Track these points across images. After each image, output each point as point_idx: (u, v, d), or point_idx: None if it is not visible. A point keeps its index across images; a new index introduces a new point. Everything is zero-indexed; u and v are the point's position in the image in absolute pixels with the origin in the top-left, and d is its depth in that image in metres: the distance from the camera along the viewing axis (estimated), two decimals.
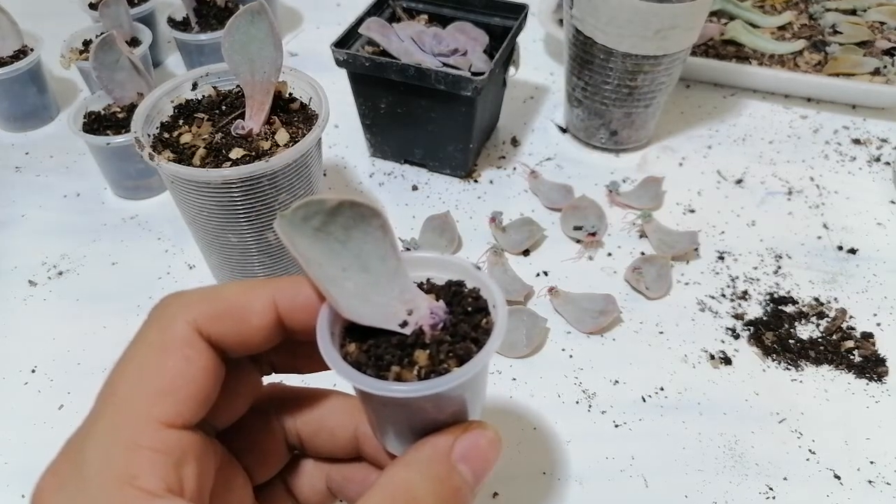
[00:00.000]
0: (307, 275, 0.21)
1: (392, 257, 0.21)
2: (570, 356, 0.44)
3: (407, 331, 0.22)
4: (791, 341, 0.44)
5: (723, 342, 0.45)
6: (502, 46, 0.52)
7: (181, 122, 0.43)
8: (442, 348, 0.21)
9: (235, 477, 0.24)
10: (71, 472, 0.19)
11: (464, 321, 0.22)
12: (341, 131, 0.61)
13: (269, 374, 0.26)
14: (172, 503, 0.19)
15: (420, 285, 0.23)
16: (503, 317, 0.21)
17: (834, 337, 0.45)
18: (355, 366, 0.21)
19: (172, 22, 0.65)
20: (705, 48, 0.68)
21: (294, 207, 0.19)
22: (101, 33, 0.55)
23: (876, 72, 0.65)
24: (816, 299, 0.47)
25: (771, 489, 0.37)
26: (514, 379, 0.43)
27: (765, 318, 0.46)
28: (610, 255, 0.51)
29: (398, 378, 0.21)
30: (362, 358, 0.22)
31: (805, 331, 0.45)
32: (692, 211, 0.54)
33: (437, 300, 0.22)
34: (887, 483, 0.38)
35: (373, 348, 0.22)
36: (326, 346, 0.21)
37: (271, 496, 0.26)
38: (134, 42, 0.62)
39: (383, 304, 0.21)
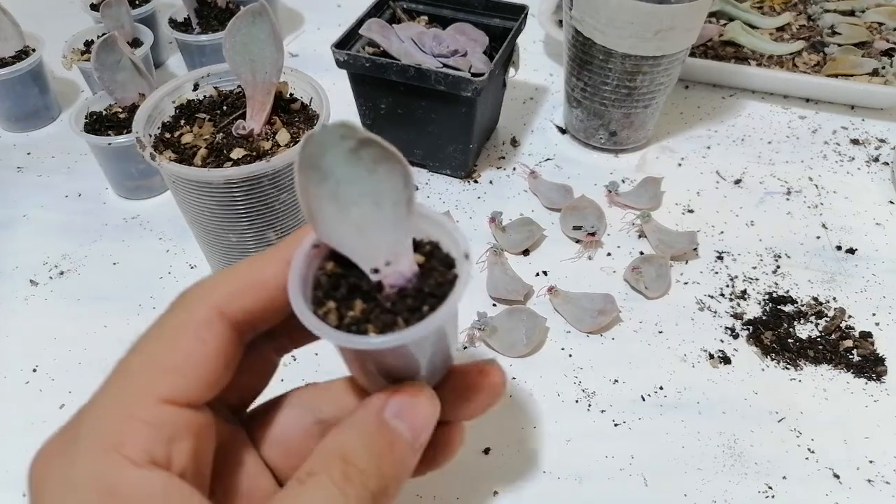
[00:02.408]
0: (303, 192, 0.21)
1: (404, 207, 0.22)
2: (570, 355, 0.44)
3: (374, 277, 0.22)
4: (790, 341, 0.45)
5: (722, 342, 0.45)
6: (502, 47, 0.52)
7: (182, 122, 0.44)
8: (374, 314, 0.21)
9: (246, 463, 0.24)
10: (67, 440, 0.20)
11: (416, 297, 0.22)
12: None
13: (287, 351, 0.26)
14: (152, 474, 0.19)
15: (423, 242, 0.23)
16: (441, 315, 0.21)
17: (833, 336, 0.45)
18: (315, 282, 0.22)
19: (174, 23, 0.65)
20: (704, 49, 0.68)
21: (334, 124, 0.20)
22: (103, 34, 0.55)
23: (874, 72, 0.65)
24: (815, 299, 0.48)
25: (770, 488, 0.37)
26: (514, 378, 0.43)
27: (764, 318, 0.46)
28: (609, 254, 0.51)
29: (326, 314, 0.21)
30: (323, 280, 0.22)
31: (804, 330, 0.46)
32: (691, 211, 0.55)
33: (422, 266, 0.23)
34: (886, 482, 0.38)
35: (337, 276, 0.22)
36: (297, 261, 0.22)
37: None
38: (135, 43, 0.62)
39: (372, 244, 0.22)
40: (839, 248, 0.52)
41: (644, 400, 0.42)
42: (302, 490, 0.20)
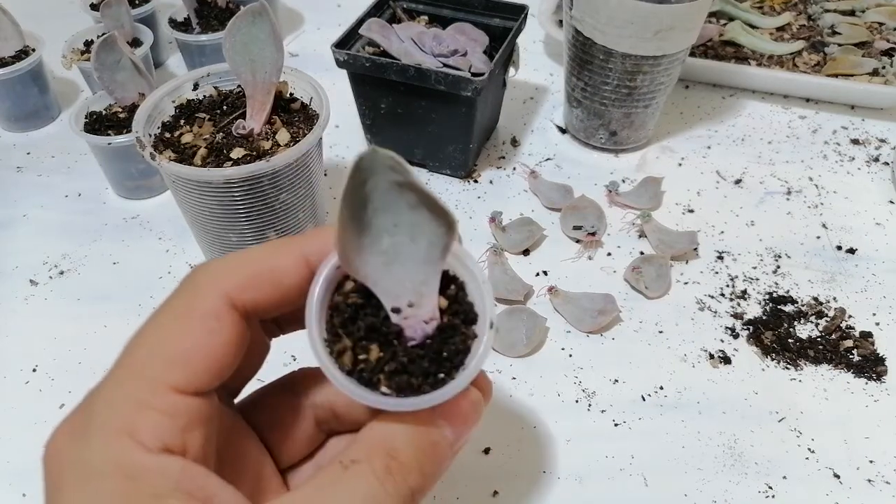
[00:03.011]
0: (339, 218, 0.20)
1: (438, 251, 0.21)
2: (570, 355, 0.44)
3: (394, 319, 0.22)
4: (790, 341, 0.45)
5: (722, 341, 0.45)
6: (502, 47, 0.52)
7: (182, 122, 0.44)
8: (389, 366, 0.21)
9: (249, 446, 0.25)
10: (80, 423, 0.20)
11: (433, 360, 0.21)
12: (342, 131, 0.61)
13: (276, 335, 0.26)
14: (166, 460, 0.19)
15: (448, 278, 0.23)
16: (456, 388, 0.21)
17: (833, 336, 0.45)
18: (332, 308, 0.22)
19: (174, 23, 0.65)
20: (704, 49, 0.68)
21: (386, 152, 0.19)
22: (103, 34, 0.55)
23: (874, 72, 0.65)
24: (815, 299, 0.47)
25: (770, 488, 0.37)
26: (514, 378, 0.43)
27: (764, 318, 0.46)
28: (609, 254, 0.51)
29: (341, 353, 0.21)
30: (342, 306, 0.22)
31: (804, 330, 0.46)
32: (691, 211, 0.55)
33: (443, 314, 0.22)
34: (886, 482, 0.38)
35: (356, 307, 0.22)
36: (320, 288, 0.21)
37: None
38: (135, 42, 0.62)
39: (398, 279, 0.21)
40: (839, 248, 0.52)
41: (644, 400, 0.42)
42: (344, 476, 0.20)
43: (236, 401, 0.26)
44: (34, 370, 0.43)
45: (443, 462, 0.22)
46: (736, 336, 0.45)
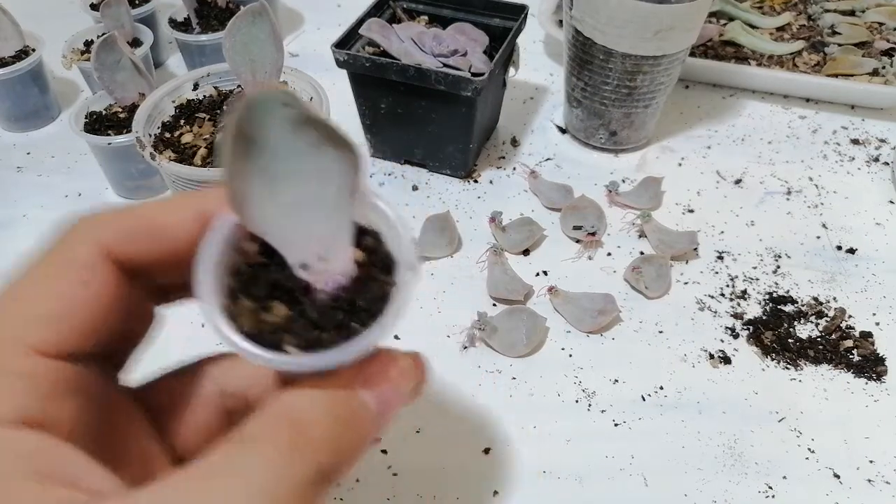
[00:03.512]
0: (227, 164, 0.17)
1: (346, 193, 0.19)
2: (570, 355, 0.44)
3: (302, 275, 0.19)
4: (790, 340, 0.45)
5: (722, 341, 0.45)
6: (502, 47, 0.52)
7: (182, 121, 0.44)
8: (297, 324, 0.18)
9: (136, 429, 0.21)
10: None
11: (347, 312, 0.19)
12: None
13: (169, 301, 0.23)
14: (17, 435, 0.16)
15: (364, 231, 0.20)
16: (369, 340, 0.18)
17: (833, 336, 0.45)
18: (235, 273, 0.19)
19: (174, 23, 0.65)
20: (704, 49, 0.68)
21: (277, 90, 0.17)
22: (103, 34, 0.55)
23: (874, 72, 0.65)
24: (815, 299, 0.47)
25: (770, 488, 0.37)
26: (514, 378, 0.43)
27: (764, 318, 0.46)
28: (609, 254, 0.51)
29: (240, 314, 0.18)
30: (243, 268, 0.19)
31: (804, 330, 0.46)
32: (691, 211, 0.55)
33: (360, 266, 0.20)
34: (886, 482, 0.38)
35: (258, 267, 0.19)
36: (214, 239, 0.19)
37: None
38: (135, 42, 0.62)
39: (303, 232, 0.19)
40: (839, 248, 0.52)
41: (644, 400, 0.42)
42: (240, 452, 0.16)
43: (135, 386, 0.23)
44: None
45: (363, 439, 0.18)
46: (736, 336, 0.45)
